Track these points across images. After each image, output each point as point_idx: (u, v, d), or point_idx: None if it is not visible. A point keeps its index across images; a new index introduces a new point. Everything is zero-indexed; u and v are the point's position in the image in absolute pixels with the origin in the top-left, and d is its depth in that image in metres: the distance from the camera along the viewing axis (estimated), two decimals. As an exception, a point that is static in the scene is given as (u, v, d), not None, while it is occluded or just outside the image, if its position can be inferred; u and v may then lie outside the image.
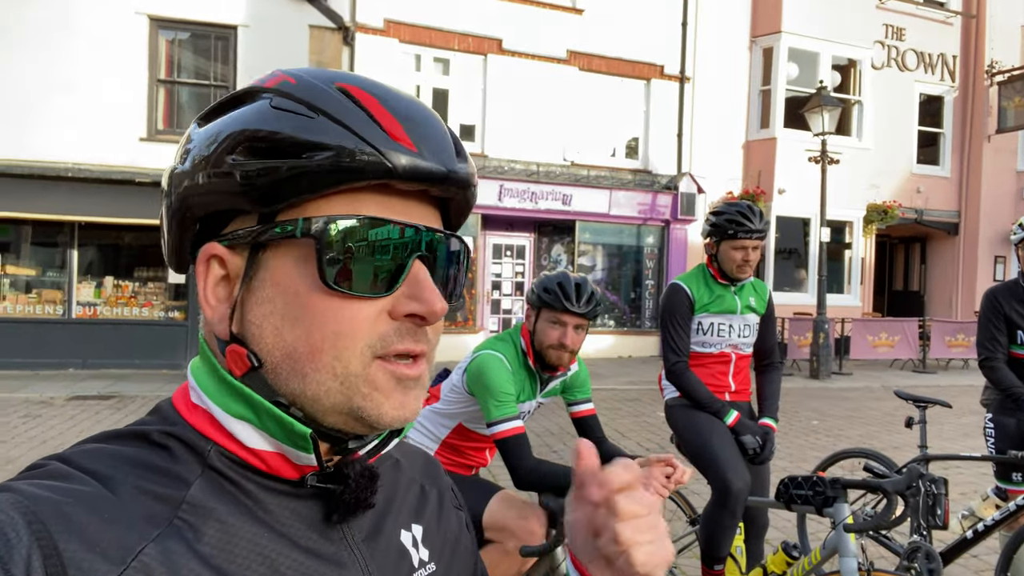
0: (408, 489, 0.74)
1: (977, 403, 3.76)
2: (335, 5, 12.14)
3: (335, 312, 0.56)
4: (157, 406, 0.63)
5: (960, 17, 17.17)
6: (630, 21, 14.15)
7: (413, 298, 0.58)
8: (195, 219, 0.61)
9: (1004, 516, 3.22)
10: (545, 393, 2.72)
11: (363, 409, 0.57)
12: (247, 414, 0.58)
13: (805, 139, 13.88)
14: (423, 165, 0.57)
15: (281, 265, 0.57)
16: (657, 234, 14.79)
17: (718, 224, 3.18)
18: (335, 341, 0.56)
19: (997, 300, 3.54)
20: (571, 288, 2.47)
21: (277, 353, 0.57)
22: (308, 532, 0.59)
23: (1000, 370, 3.46)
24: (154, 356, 11.44)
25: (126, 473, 0.53)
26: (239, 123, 0.58)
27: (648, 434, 7.73)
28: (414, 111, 0.59)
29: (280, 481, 0.59)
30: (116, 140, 11.04)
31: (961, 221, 17.27)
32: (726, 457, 2.93)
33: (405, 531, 0.70)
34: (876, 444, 7.34)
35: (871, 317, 15.57)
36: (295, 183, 0.55)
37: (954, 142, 17.34)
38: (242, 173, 0.56)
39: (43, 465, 0.53)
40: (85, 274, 11.62)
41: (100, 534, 0.48)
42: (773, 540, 4.14)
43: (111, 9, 11.06)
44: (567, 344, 2.48)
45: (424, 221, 0.61)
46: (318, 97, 0.57)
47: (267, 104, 0.58)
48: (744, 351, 3.30)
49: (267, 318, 0.57)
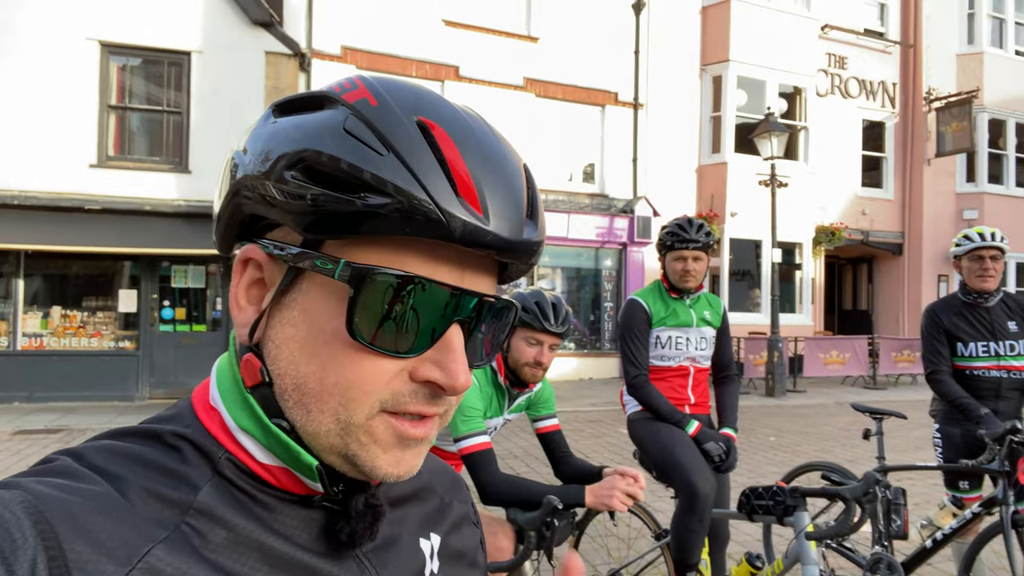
0: (429, 500, 0.73)
1: (926, 416, 3.88)
2: (291, 31, 12.14)
3: (353, 362, 0.53)
4: (177, 403, 0.62)
5: (899, 47, 17.95)
6: (584, 49, 14.45)
7: (438, 365, 0.54)
8: (242, 214, 0.58)
9: (961, 524, 3.32)
10: (512, 409, 2.73)
11: (358, 457, 0.54)
12: (256, 432, 0.57)
13: (755, 164, 14.29)
14: (486, 233, 0.52)
15: (315, 295, 0.54)
16: (615, 257, 14.97)
17: (661, 238, 3.34)
18: (346, 389, 0.53)
19: (936, 315, 3.68)
20: (548, 308, 2.49)
21: (288, 380, 0.55)
22: (317, 541, 0.58)
23: (945, 382, 3.56)
24: (104, 388, 11.09)
25: (136, 474, 0.53)
26: (308, 137, 0.53)
27: (610, 454, 7.77)
28: (493, 163, 0.55)
29: (290, 493, 0.58)
30: (65, 167, 10.79)
31: (905, 241, 17.88)
32: (690, 462, 2.99)
33: (424, 539, 0.68)
34: (832, 459, 7.49)
35: (823, 335, 15.96)
36: (345, 220, 0.51)
37: (896, 166, 18.01)
38: (295, 193, 0.52)
39: (54, 460, 0.53)
40: (31, 304, 11.24)
41: (107, 535, 0.47)
42: (735, 554, 4.19)
43: (61, 35, 10.87)
44: (543, 362, 2.51)
45: (477, 282, 0.56)
46: (394, 131, 0.52)
47: (340, 123, 0.53)
48: (702, 364, 3.38)
49: (288, 342, 0.55)
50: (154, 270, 11.57)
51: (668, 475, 3.10)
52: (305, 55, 12.17)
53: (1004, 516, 3.11)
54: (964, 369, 3.61)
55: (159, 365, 11.49)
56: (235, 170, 0.57)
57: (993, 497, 3.23)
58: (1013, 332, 3.56)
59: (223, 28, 11.64)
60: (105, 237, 10.49)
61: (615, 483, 2.25)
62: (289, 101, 0.57)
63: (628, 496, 2.25)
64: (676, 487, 3.05)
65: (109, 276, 11.54)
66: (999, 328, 3.57)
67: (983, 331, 3.58)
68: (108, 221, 10.74)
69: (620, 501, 2.23)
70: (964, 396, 3.47)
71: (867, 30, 17.64)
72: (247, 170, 0.55)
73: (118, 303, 11.48)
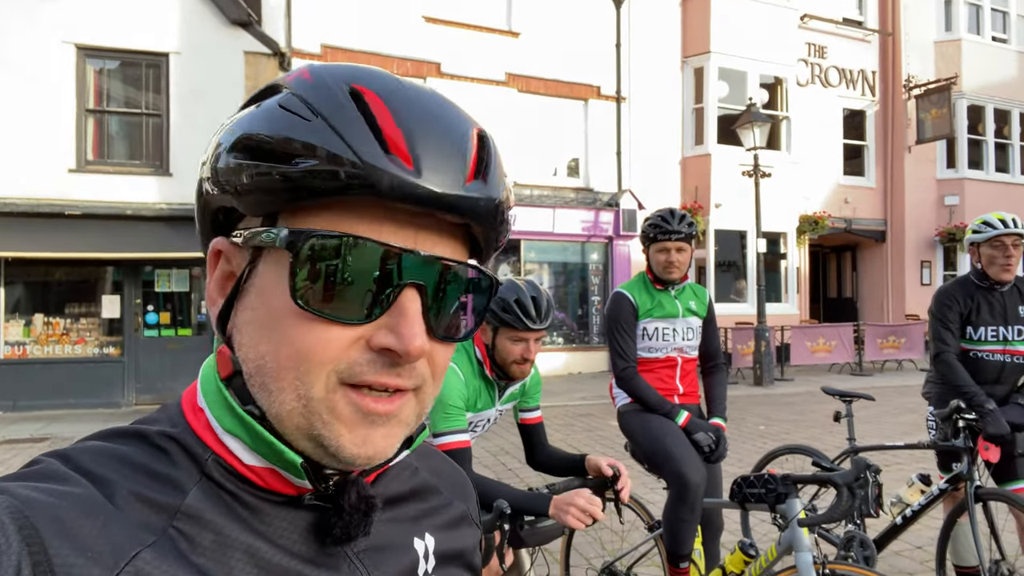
0: (428, 499, 0.71)
1: (914, 402, 3.91)
2: (270, 30, 12.04)
3: (304, 333, 0.52)
4: (166, 404, 0.61)
5: (877, 35, 18.07)
6: (566, 43, 14.44)
7: (392, 331, 0.53)
8: (210, 210, 0.59)
9: (929, 500, 3.40)
10: (504, 399, 2.69)
11: (323, 437, 0.53)
12: (240, 433, 0.56)
13: (738, 154, 14.34)
14: (415, 186, 0.52)
15: (268, 273, 0.54)
16: (601, 250, 15.00)
17: (644, 230, 3.34)
18: (300, 362, 0.52)
19: (952, 298, 3.60)
20: (529, 304, 2.41)
21: (251, 364, 0.55)
22: (305, 543, 0.57)
23: (954, 367, 3.49)
24: (90, 395, 10.99)
25: (124, 476, 0.52)
26: (249, 119, 0.55)
27: (602, 447, 7.79)
28: (431, 122, 0.55)
29: (277, 494, 0.57)
30: (44, 172, 10.67)
31: (887, 229, 18.03)
32: (681, 453, 3.00)
33: (419, 539, 0.67)
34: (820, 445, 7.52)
35: (808, 324, 16.07)
36: (280, 190, 0.52)
37: (877, 154, 18.16)
38: (236, 171, 0.54)
39: (40, 462, 0.52)
40: (12, 312, 11.10)
41: (93, 539, 0.47)
42: (727, 543, 4.21)
43: (36, 39, 10.73)
44: (530, 358, 2.48)
45: (435, 247, 0.55)
46: (323, 98, 0.53)
47: (276, 102, 0.55)
48: (689, 354, 3.39)
49: (247, 325, 0.55)
50: (137, 275, 11.47)
51: (659, 466, 3.10)
52: (285, 54, 12.08)
53: (968, 491, 3.21)
54: (968, 351, 3.58)
55: (145, 371, 11.39)
56: (201, 166, 0.59)
57: (959, 474, 3.30)
58: (1022, 317, 3.52)
59: (201, 29, 11.53)
60: (86, 242, 10.38)
61: (574, 500, 2.17)
62: (250, 98, 0.59)
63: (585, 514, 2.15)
64: (667, 478, 3.06)
65: (92, 282, 11.42)
66: (1011, 313, 3.53)
67: (997, 316, 3.53)
68: (89, 226, 10.62)
69: (575, 519, 2.14)
70: (972, 385, 3.41)
71: (846, 19, 17.75)
72: (205, 164, 0.57)
73: (101, 309, 11.37)
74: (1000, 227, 3.47)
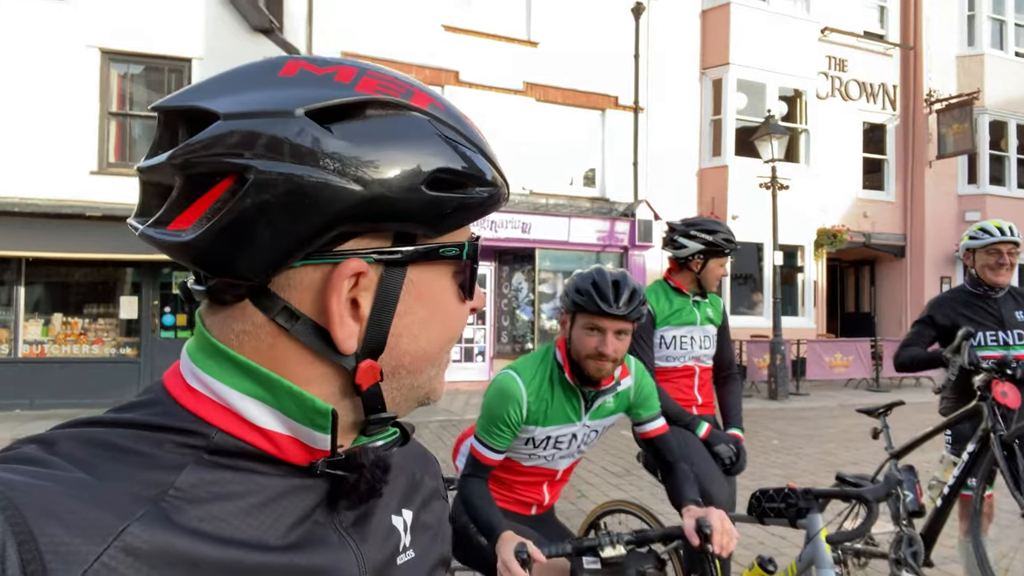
0: (399, 476, 0.74)
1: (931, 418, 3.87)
2: (291, 38, 12.15)
3: (461, 318, 0.66)
4: (149, 387, 0.61)
5: (899, 49, 17.95)
6: (584, 53, 14.44)
7: (478, 296, 0.68)
8: (327, 228, 0.55)
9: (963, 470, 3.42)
10: (594, 413, 2.39)
11: (435, 391, 0.67)
12: (261, 393, 0.56)
13: (756, 166, 14.26)
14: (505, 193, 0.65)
15: (429, 279, 0.62)
16: (616, 260, 14.94)
17: (715, 242, 3.22)
18: (450, 340, 0.65)
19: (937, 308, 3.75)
20: (607, 287, 2.15)
21: (407, 358, 0.62)
22: (300, 518, 0.58)
23: (910, 347, 3.71)
24: (106, 395, 11.04)
25: (109, 459, 0.51)
26: (419, 150, 0.57)
27: (612, 457, 7.74)
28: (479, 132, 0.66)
29: (282, 466, 0.58)
30: (66, 174, 10.79)
31: (907, 244, 17.85)
32: (705, 472, 2.93)
33: (396, 516, 0.71)
34: (835, 461, 7.47)
35: (825, 338, 15.91)
36: (465, 213, 0.61)
37: (897, 168, 17.99)
38: (431, 202, 0.58)
39: (18, 447, 0.52)
40: (32, 311, 11.23)
41: (79, 516, 0.47)
42: (742, 557, 4.15)
43: (61, 42, 10.87)
44: (607, 353, 2.16)
45: None
46: (469, 129, 0.63)
47: (436, 133, 0.59)
48: (706, 363, 3.36)
49: (407, 328, 0.61)
50: (155, 277, 11.56)
51: None
52: (305, 61, 12.15)
53: (993, 441, 3.27)
54: None
55: (161, 371, 11.05)
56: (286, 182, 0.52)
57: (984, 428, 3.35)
58: (1021, 321, 3.59)
59: (223, 35, 11.65)
60: (106, 244, 10.47)
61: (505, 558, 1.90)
62: (329, 109, 0.55)
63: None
64: None
65: (110, 283, 11.54)
66: (1008, 318, 3.60)
67: (991, 321, 3.61)
68: (109, 228, 10.71)
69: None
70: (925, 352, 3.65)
71: (867, 32, 17.64)
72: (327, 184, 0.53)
73: (119, 310, 11.47)
74: (997, 234, 3.60)
